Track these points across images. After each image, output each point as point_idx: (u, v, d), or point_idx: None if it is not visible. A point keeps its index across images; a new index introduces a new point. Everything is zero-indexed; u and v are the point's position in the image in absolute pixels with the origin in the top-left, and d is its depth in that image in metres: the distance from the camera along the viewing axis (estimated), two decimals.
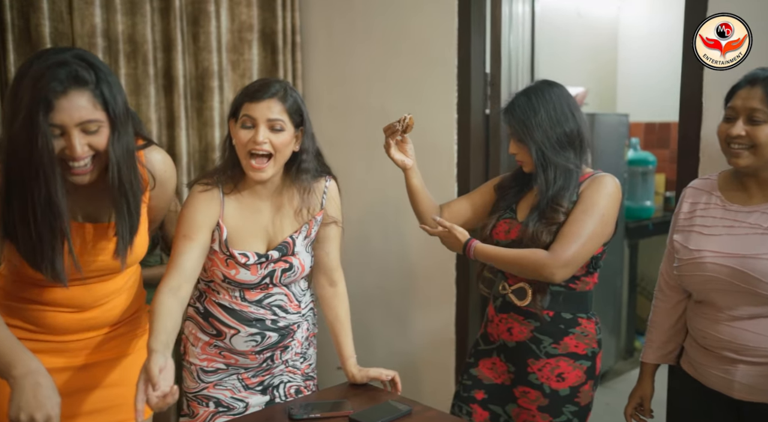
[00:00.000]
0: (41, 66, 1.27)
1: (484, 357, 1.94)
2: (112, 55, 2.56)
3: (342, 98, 3.06)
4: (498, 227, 1.90)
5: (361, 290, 3.02)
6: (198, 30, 2.79)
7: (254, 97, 1.68)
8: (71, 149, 1.31)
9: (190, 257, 1.68)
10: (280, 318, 1.82)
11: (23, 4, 2.36)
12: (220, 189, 1.75)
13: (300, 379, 1.92)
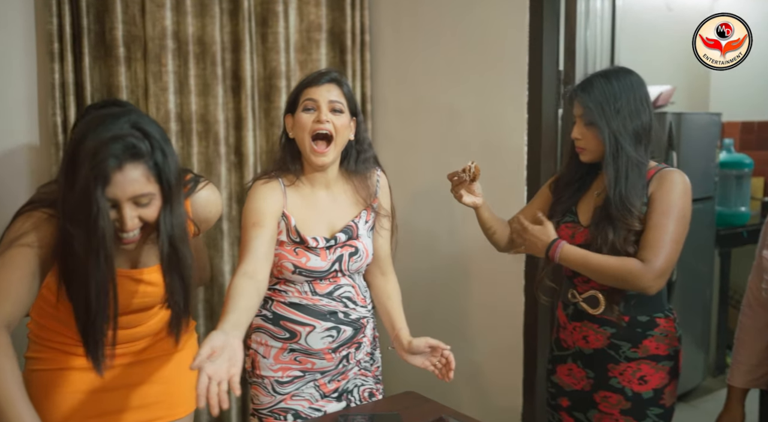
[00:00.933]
0: (99, 139, 1.27)
1: (559, 363, 1.91)
2: (181, 57, 2.60)
3: (410, 99, 2.99)
4: (560, 232, 1.81)
5: (426, 296, 2.95)
6: (266, 30, 2.79)
7: (314, 82, 1.77)
8: (122, 222, 1.32)
9: (262, 242, 1.69)
10: (351, 310, 1.84)
11: (99, 9, 2.42)
12: (280, 181, 1.80)
13: (372, 381, 1.95)
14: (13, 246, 1.31)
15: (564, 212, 1.84)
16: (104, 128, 1.29)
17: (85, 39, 2.36)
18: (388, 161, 3.11)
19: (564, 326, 1.88)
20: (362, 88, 3.04)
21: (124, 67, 2.46)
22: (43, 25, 2.33)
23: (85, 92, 2.37)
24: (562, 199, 1.86)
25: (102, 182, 1.27)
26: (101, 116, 1.33)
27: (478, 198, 1.92)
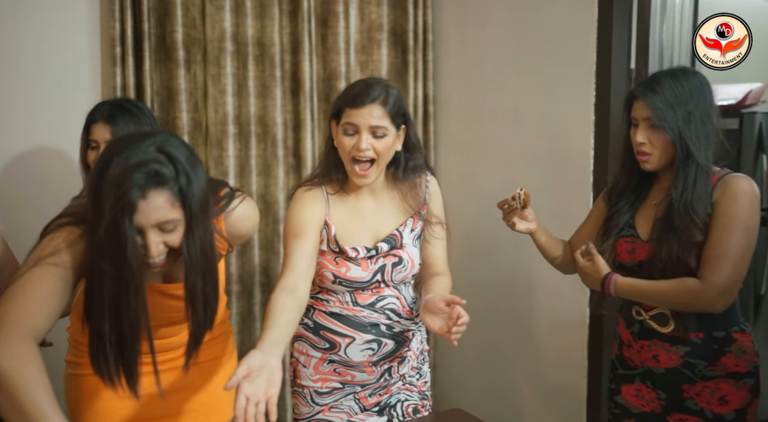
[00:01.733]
0: (123, 166, 1.23)
1: (625, 382, 1.78)
2: (240, 59, 2.60)
3: (473, 100, 2.89)
4: (619, 248, 1.70)
5: (488, 306, 2.85)
6: (326, 31, 2.76)
7: (355, 103, 1.66)
8: (147, 249, 1.29)
9: (303, 254, 1.65)
10: (395, 322, 1.77)
11: (160, 13, 2.45)
12: (323, 189, 1.75)
13: (417, 397, 1.86)
14: (45, 264, 1.29)
15: (621, 225, 1.73)
16: (129, 152, 1.25)
17: (145, 43, 2.39)
18: (451, 164, 3.03)
19: (629, 344, 1.76)
20: (424, 88, 2.97)
21: (184, 69, 2.48)
22: (106, 30, 2.38)
23: (145, 95, 2.41)
24: (618, 211, 1.74)
25: (129, 212, 1.23)
26: (127, 138, 1.30)
27: (531, 224, 1.86)
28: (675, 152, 1.59)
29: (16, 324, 1.21)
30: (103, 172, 1.26)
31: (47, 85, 2.32)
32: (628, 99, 1.66)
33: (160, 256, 1.31)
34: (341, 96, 1.73)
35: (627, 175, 1.73)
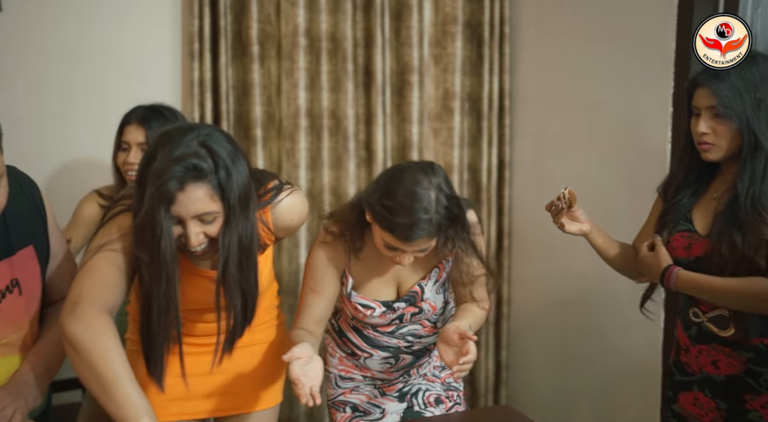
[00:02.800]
0: (165, 160, 1.29)
1: (683, 390, 1.68)
2: (313, 53, 2.65)
3: (549, 92, 2.81)
4: (674, 243, 1.60)
5: (561, 306, 2.77)
6: (400, 25, 2.77)
7: (405, 238, 1.52)
8: (187, 238, 1.34)
9: (318, 309, 1.71)
10: (415, 343, 1.80)
11: (236, 10, 2.54)
12: (347, 240, 1.69)
13: (440, 388, 1.86)
14: (105, 250, 1.37)
15: (677, 220, 1.62)
16: (172, 146, 1.30)
17: (222, 38, 2.48)
18: (526, 159, 2.97)
19: (686, 348, 1.66)
20: (500, 82, 2.92)
21: (258, 64, 2.56)
22: (186, 27, 2.50)
23: (220, 89, 2.50)
24: (674, 205, 1.64)
25: (165, 203, 1.29)
26: (173, 131, 1.35)
27: (584, 225, 1.76)
28: (741, 143, 1.48)
29: (91, 301, 1.31)
30: (148, 164, 1.32)
31: (130, 81, 2.46)
32: (690, 87, 1.55)
33: (201, 245, 1.36)
34: (388, 218, 1.51)
35: (685, 167, 1.63)
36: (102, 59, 2.42)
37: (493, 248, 3.00)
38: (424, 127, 2.84)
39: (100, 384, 1.23)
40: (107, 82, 2.43)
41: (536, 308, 2.94)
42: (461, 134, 2.91)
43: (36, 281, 1.41)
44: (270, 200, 1.52)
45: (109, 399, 1.22)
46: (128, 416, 1.19)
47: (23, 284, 1.38)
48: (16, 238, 1.36)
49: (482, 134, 2.92)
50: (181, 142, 1.30)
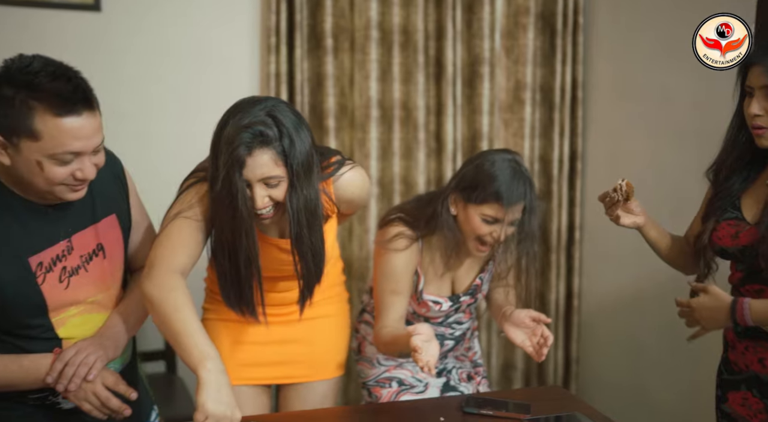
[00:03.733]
0: (234, 127, 1.42)
1: (731, 389, 1.61)
2: (385, 46, 2.72)
3: (623, 83, 2.76)
4: (720, 231, 1.54)
5: (634, 301, 2.71)
6: (471, 17, 2.80)
7: (510, 200, 1.69)
8: (253, 200, 1.46)
9: (401, 307, 1.83)
10: (457, 329, 1.95)
11: (312, 5, 2.65)
12: (420, 242, 1.83)
13: (469, 366, 2.05)
14: (181, 217, 1.52)
15: (725, 207, 1.55)
16: (242, 115, 1.43)
17: (297, 32, 2.60)
18: (599, 149, 2.93)
19: (733, 345, 1.59)
20: (573, 72, 2.90)
21: (332, 57, 2.66)
22: (264, 22, 2.63)
23: (295, 82, 2.62)
24: (723, 192, 1.56)
25: (238, 166, 1.42)
26: (243, 103, 1.48)
27: (639, 217, 1.69)
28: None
29: (163, 263, 1.46)
30: (220, 132, 1.46)
31: (213, 73, 2.61)
32: (744, 65, 1.48)
33: (266, 208, 1.48)
34: (486, 187, 1.70)
35: (737, 151, 1.56)
36: (188, 53, 2.59)
37: (564, 240, 2.98)
38: (494, 118, 2.86)
39: (172, 334, 1.37)
40: (192, 74, 2.60)
41: (608, 302, 2.89)
42: (532, 124, 2.90)
43: (119, 246, 1.55)
44: (332, 173, 1.61)
45: (180, 347, 1.35)
46: (194, 360, 1.31)
47: (107, 249, 1.52)
48: (100, 207, 1.50)
49: (554, 125, 2.91)
50: (249, 111, 1.43)
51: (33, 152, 1.29)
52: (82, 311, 1.47)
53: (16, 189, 1.38)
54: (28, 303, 1.39)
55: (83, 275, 1.46)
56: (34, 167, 1.30)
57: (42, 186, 1.34)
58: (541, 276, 3.01)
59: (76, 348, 1.40)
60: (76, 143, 1.30)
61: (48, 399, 1.45)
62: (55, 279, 1.42)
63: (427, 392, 1.93)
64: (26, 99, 1.26)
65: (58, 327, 1.43)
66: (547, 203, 2.96)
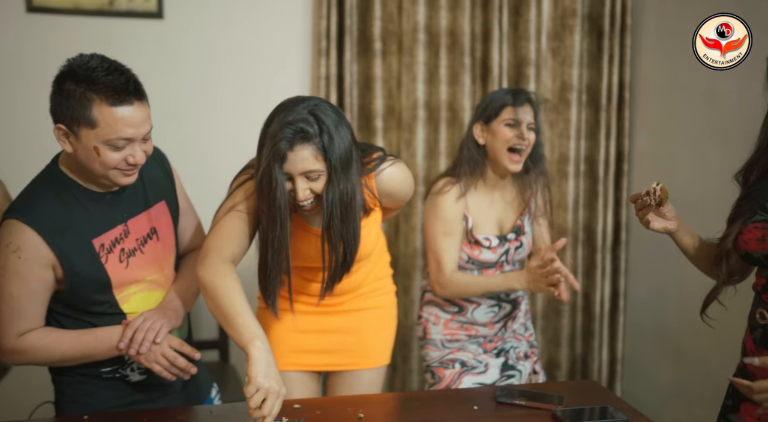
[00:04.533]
0: (279, 124, 1.53)
1: (746, 399, 1.53)
2: (432, 49, 2.79)
3: (671, 84, 2.76)
4: (746, 234, 1.48)
5: (680, 302, 2.71)
6: (518, 19, 2.84)
7: (516, 102, 2.00)
8: (295, 192, 1.56)
9: (455, 251, 2.02)
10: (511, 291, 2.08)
11: (361, 9, 2.74)
12: (461, 186, 2.03)
13: (525, 345, 2.20)
14: (233, 211, 1.64)
15: (753, 209, 1.49)
16: (286, 113, 1.54)
17: (347, 36, 2.70)
18: (644, 151, 2.93)
19: (752, 353, 1.52)
20: (620, 74, 2.91)
21: (380, 59, 2.75)
22: (315, 26, 2.74)
23: (344, 84, 2.72)
24: (752, 193, 1.51)
25: (278, 160, 1.52)
26: (288, 102, 1.58)
27: (670, 222, 1.63)
28: None
29: (216, 252, 1.59)
30: (266, 128, 1.57)
31: (266, 76, 2.73)
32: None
33: (308, 200, 1.58)
34: (497, 100, 2.03)
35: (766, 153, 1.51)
36: (243, 57, 2.72)
37: (610, 241, 2.99)
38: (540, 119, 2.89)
39: (224, 316, 1.49)
40: (247, 77, 2.72)
41: (653, 303, 2.89)
42: (578, 125, 2.93)
43: (170, 230, 1.70)
44: (373, 168, 1.70)
45: (231, 328, 1.47)
46: (244, 339, 1.43)
47: (160, 232, 1.67)
48: (151, 195, 1.66)
49: (600, 126, 2.92)
50: (293, 110, 1.54)
51: (91, 138, 1.44)
52: (142, 289, 1.63)
53: (78, 178, 1.55)
54: (95, 281, 1.55)
55: (140, 257, 1.62)
56: (91, 152, 1.46)
57: (99, 171, 1.49)
58: (587, 277, 3.03)
59: (142, 316, 1.57)
60: (128, 130, 1.45)
61: (118, 372, 1.62)
62: (116, 259, 1.57)
63: (487, 372, 2.08)
64: (85, 91, 1.42)
65: (122, 303, 1.60)
66: (593, 204, 2.97)
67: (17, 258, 1.48)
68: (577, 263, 3.01)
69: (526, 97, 2.02)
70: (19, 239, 1.48)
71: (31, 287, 1.51)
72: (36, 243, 1.48)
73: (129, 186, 1.60)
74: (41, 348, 1.53)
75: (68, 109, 1.43)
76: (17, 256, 1.48)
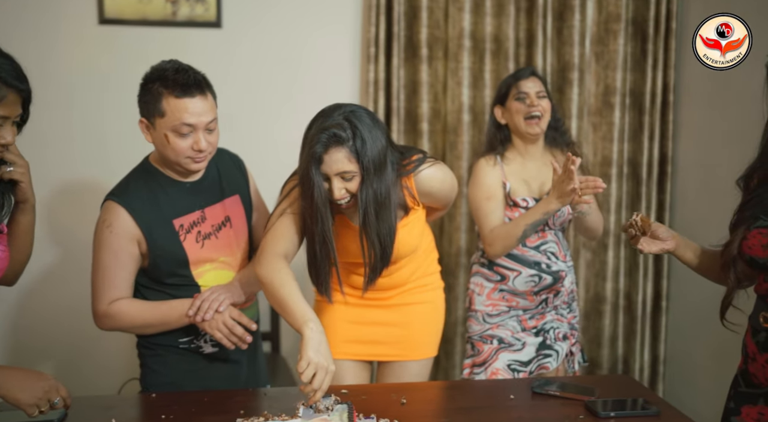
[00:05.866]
0: (316, 129, 1.66)
1: (747, 402, 1.55)
2: (477, 54, 2.88)
3: (716, 87, 2.78)
4: (750, 240, 1.48)
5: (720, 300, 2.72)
6: (562, 24, 2.91)
7: (521, 76, 2.23)
8: (332, 192, 1.69)
9: (498, 213, 2.18)
10: (552, 262, 2.20)
11: (408, 16, 2.85)
12: (497, 157, 2.20)
13: (566, 327, 2.28)
14: (285, 214, 1.80)
15: (756, 215, 1.49)
16: (324, 119, 1.67)
17: (395, 43, 2.81)
18: (688, 154, 2.96)
19: (753, 357, 1.51)
20: (664, 78, 2.94)
21: (426, 65, 2.85)
22: (365, 33, 2.86)
23: (392, 89, 2.83)
24: (755, 199, 1.50)
25: (315, 162, 1.66)
26: (327, 109, 1.71)
27: (666, 243, 1.68)
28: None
29: (270, 249, 1.76)
30: (307, 132, 1.72)
31: (317, 81, 2.86)
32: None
33: (345, 199, 1.71)
34: (505, 81, 2.26)
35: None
36: (296, 63, 2.86)
37: None
38: (583, 122, 2.95)
39: (280, 304, 1.65)
40: (300, 82, 2.86)
41: (696, 304, 2.91)
42: (621, 128, 2.97)
43: (242, 221, 1.93)
44: (412, 169, 1.81)
45: (287, 313, 1.63)
46: (299, 322, 1.58)
47: (233, 221, 1.90)
48: (227, 188, 1.88)
49: (644, 129, 2.96)
50: (330, 116, 1.68)
51: (161, 127, 1.72)
52: (215, 267, 1.86)
53: (162, 169, 1.84)
54: (175, 257, 1.81)
55: (214, 240, 1.86)
56: (163, 139, 1.73)
57: (172, 157, 1.76)
58: (629, 277, 3.07)
59: (210, 290, 1.81)
60: (190, 118, 1.70)
61: (193, 343, 1.85)
62: (193, 240, 1.83)
63: (524, 350, 2.20)
64: (158, 87, 1.71)
65: (197, 278, 1.84)
66: (636, 206, 3.01)
67: (110, 233, 1.77)
68: (619, 264, 3.05)
69: (529, 71, 2.24)
70: (112, 216, 1.77)
71: (121, 259, 1.78)
72: (125, 220, 1.77)
73: (207, 179, 1.88)
74: (126, 314, 1.79)
75: (146, 103, 1.74)
76: (110, 231, 1.77)
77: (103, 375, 2.72)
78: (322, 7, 2.85)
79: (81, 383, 2.39)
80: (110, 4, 2.70)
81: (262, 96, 2.86)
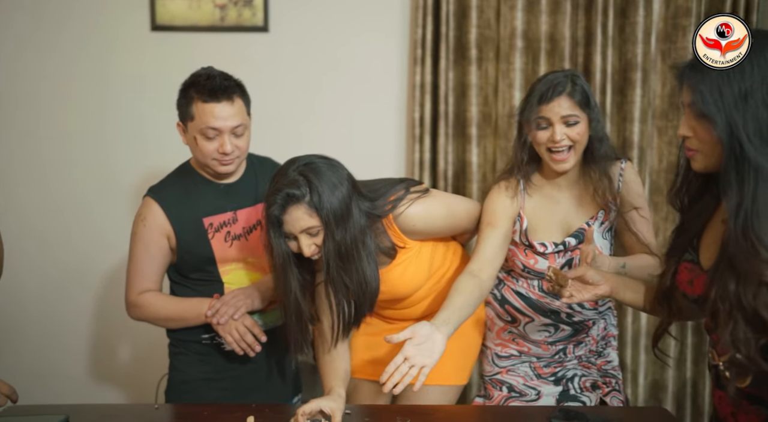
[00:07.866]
0: (271, 190, 1.63)
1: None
2: (530, 54, 2.72)
3: None
4: (680, 275, 1.35)
5: None
6: (624, 21, 2.70)
7: (544, 99, 1.75)
8: (300, 250, 1.64)
9: (493, 244, 1.79)
10: (576, 312, 1.83)
11: (458, 17, 2.73)
12: (520, 181, 1.84)
13: (597, 374, 1.89)
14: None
15: (684, 246, 1.35)
16: (279, 177, 1.64)
17: (442, 44, 2.70)
18: None
19: (713, 392, 1.40)
20: None
21: (476, 66, 2.73)
22: (411, 35, 2.77)
23: (439, 91, 2.72)
24: (686, 225, 1.36)
25: (274, 225, 1.64)
26: (284, 165, 1.68)
27: (599, 288, 1.55)
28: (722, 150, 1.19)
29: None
30: (266, 191, 1.67)
31: (364, 83, 2.81)
32: (679, 79, 1.32)
33: (315, 254, 1.65)
34: (529, 98, 1.80)
35: (688, 178, 1.36)
36: (342, 66, 2.81)
37: None
38: (647, 126, 2.74)
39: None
40: (346, 84, 2.82)
41: None
42: None
43: None
44: (390, 210, 1.73)
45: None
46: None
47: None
48: (261, 192, 1.86)
49: None
50: (285, 173, 1.63)
51: (191, 129, 1.83)
52: (242, 267, 1.94)
53: (199, 170, 1.93)
54: (202, 253, 1.89)
55: (243, 242, 1.93)
56: (193, 141, 1.84)
57: (201, 159, 1.86)
58: None
59: (231, 294, 1.87)
60: (215, 122, 1.79)
61: (215, 339, 1.90)
62: (221, 239, 1.91)
63: (540, 401, 1.88)
64: (191, 93, 1.82)
65: (223, 275, 1.92)
66: None
67: (143, 227, 1.88)
68: None
69: (558, 90, 1.73)
70: (147, 211, 1.89)
71: (151, 251, 1.88)
72: (158, 214, 1.87)
73: (243, 183, 1.95)
74: (152, 306, 1.89)
75: (181, 107, 1.86)
76: (143, 225, 1.88)
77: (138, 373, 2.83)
78: (368, 9, 2.79)
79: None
80: (162, 11, 2.76)
81: (309, 99, 2.84)
